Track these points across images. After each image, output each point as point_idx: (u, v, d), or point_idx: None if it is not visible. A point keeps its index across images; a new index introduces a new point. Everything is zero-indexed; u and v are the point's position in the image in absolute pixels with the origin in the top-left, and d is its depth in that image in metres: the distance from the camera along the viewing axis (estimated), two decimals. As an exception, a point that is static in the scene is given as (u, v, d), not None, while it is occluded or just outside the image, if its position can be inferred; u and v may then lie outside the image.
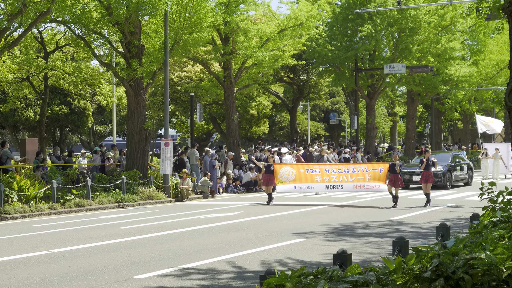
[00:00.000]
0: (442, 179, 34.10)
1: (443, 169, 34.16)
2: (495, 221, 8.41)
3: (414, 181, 33.38)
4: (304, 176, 27.69)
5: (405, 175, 33.39)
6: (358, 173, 26.92)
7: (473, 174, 38.81)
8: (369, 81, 50.58)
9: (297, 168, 28.30)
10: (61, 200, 25.76)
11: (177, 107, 57.58)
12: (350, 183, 27.04)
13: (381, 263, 6.16)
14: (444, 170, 34.41)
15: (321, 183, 27.60)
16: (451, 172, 35.07)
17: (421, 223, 19.79)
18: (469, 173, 37.27)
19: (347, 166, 28.09)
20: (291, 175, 27.67)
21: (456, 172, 35.85)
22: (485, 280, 5.22)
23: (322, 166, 28.54)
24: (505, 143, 46.78)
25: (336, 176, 27.26)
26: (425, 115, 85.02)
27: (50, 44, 40.75)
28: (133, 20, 30.01)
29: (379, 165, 27.51)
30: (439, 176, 33.66)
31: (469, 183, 37.02)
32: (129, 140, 31.94)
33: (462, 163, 36.98)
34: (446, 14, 48.08)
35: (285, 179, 27.66)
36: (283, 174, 27.72)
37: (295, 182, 27.68)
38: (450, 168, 35.10)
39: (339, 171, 27.41)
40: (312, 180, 27.63)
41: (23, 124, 52.51)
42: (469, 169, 37.50)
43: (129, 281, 11.56)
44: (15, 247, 15.93)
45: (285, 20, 39.56)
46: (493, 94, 53.61)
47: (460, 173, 36.29)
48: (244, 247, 15.26)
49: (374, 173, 26.58)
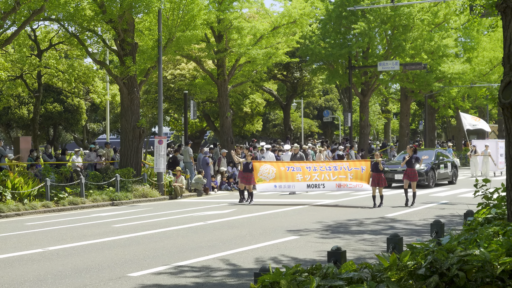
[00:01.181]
0: (425, 177, 32.92)
1: (426, 167, 33.18)
2: (490, 218, 8.43)
3: (396, 180, 32.38)
4: (284, 175, 26.59)
5: (387, 173, 32.14)
6: (340, 172, 25.87)
7: (458, 172, 37.78)
8: (363, 78, 50.60)
9: (277, 166, 27.14)
10: (55, 198, 25.72)
11: (171, 105, 57.51)
12: (332, 182, 26.01)
13: (375, 260, 6.17)
14: (427, 168, 33.38)
15: (302, 182, 26.48)
16: (434, 170, 34.00)
17: (415, 220, 19.82)
18: (453, 171, 36.16)
19: (329, 164, 26.96)
20: (271, 173, 26.57)
21: (440, 170, 34.77)
22: (479, 277, 5.23)
23: (303, 164, 27.49)
24: (494, 140, 46.05)
25: (318, 175, 26.23)
26: (418, 112, 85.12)
27: (43, 42, 40.66)
28: (127, 18, 29.97)
29: (361, 163, 26.25)
30: (422, 174, 32.37)
31: (454, 181, 36.00)
32: (122, 138, 31.92)
33: (446, 160, 35.87)
34: (440, 12, 48.12)
35: (265, 178, 26.53)
36: (263, 172, 26.58)
37: (275, 180, 26.57)
38: (433, 166, 33.98)
39: (321, 169, 26.32)
40: (293, 178, 26.54)
41: (16, 122, 52.40)
42: (454, 167, 36.35)
43: (123, 279, 11.55)
44: (9, 245, 15.90)
45: (278, 17, 39.55)
46: (487, 91, 53.73)
47: (444, 171, 35.20)
48: (238, 245, 15.25)
49: (356, 172, 25.55)
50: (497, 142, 43.54)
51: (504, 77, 8.08)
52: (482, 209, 9.04)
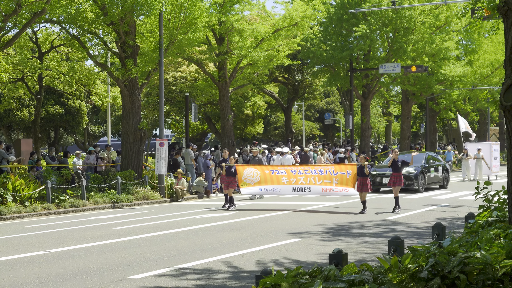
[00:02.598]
0: (414, 182, 31.81)
1: (415, 170, 32.01)
2: (491, 221, 8.43)
3: (384, 184, 31.40)
4: (270, 178, 26.04)
5: (375, 178, 31.92)
6: (325, 176, 25.12)
7: (450, 176, 36.61)
8: (364, 81, 50.60)
9: (261, 169, 26.59)
10: (56, 201, 25.71)
11: (172, 107, 57.54)
12: (318, 186, 25.26)
13: (376, 263, 6.17)
14: (417, 171, 32.12)
15: (288, 185, 25.84)
16: (424, 174, 32.75)
17: (416, 222, 19.81)
18: (444, 175, 34.95)
19: (314, 168, 26.20)
20: (256, 176, 26.07)
21: (430, 174, 33.58)
22: (480, 279, 5.24)
23: (288, 167, 27.07)
24: (488, 143, 44.83)
25: (303, 178, 25.53)
26: (419, 115, 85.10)
27: (44, 44, 40.66)
28: (128, 20, 29.99)
29: (347, 168, 25.25)
30: (411, 178, 31.61)
31: (445, 185, 34.82)
32: (124, 140, 31.92)
33: (437, 164, 34.70)
34: (441, 14, 48.15)
35: (250, 181, 26.07)
36: (247, 176, 26.11)
37: (260, 184, 26.07)
38: (423, 169, 32.76)
39: (306, 172, 25.67)
40: (278, 181, 25.93)
41: (17, 124, 52.43)
42: (445, 170, 35.17)
43: (124, 281, 11.55)
44: (10, 247, 15.91)
45: (280, 20, 39.56)
46: (488, 94, 53.66)
47: (434, 175, 34.00)
48: (240, 247, 15.26)
49: (342, 177, 24.71)
50: (490, 145, 42.48)
51: (506, 80, 8.09)
52: (483, 211, 9.05)
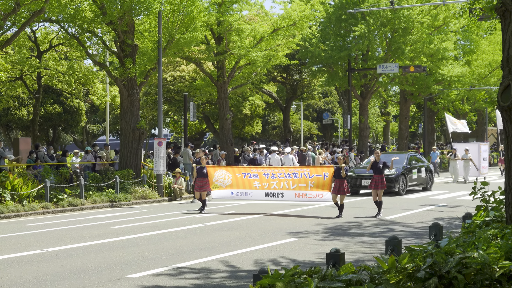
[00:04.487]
0: (394, 184, 30.41)
1: (396, 172, 30.60)
2: (488, 221, 8.45)
3: (363, 186, 30.10)
4: (241, 181, 24.83)
5: (353, 180, 30.83)
6: (300, 179, 23.82)
7: (433, 177, 35.15)
8: (362, 81, 50.61)
9: (233, 172, 25.26)
10: (54, 200, 25.71)
11: (171, 107, 57.55)
12: (291, 191, 23.98)
13: (374, 263, 6.18)
14: (397, 173, 30.74)
15: (260, 190, 24.58)
16: (405, 176, 31.39)
17: (413, 222, 19.83)
18: (428, 177, 33.58)
19: (288, 171, 24.80)
20: (227, 179, 24.87)
21: (412, 175, 32.17)
22: (478, 279, 5.25)
23: (261, 170, 25.48)
24: (476, 143, 43.65)
25: (276, 182, 24.28)
26: (418, 115, 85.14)
27: (43, 43, 40.69)
28: (127, 20, 30.00)
29: (323, 170, 23.85)
30: (391, 180, 30.10)
31: (428, 187, 33.58)
32: (122, 140, 31.93)
33: (420, 165, 33.28)
34: (439, 14, 48.16)
35: (221, 184, 24.86)
36: (218, 178, 24.88)
37: (232, 187, 24.86)
38: (404, 171, 31.41)
39: (280, 176, 24.34)
40: (250, 186, 24.71)
41: (16, 123, 52.43)
42: (429, 172, 33.76)
43: (122, 280, 11.56)
44: (8, 246, 15.91)
45: (278, 20, 39.56)
46: (486, 94, 53.66)
47: (416, 177, 32.56)
48: (238, 247, 15.27)
49: (318, 179, 23.35)
50: (479, 145, 41.43)
51: (503, 80, 8.11)
52: (480, 211, 9.07)
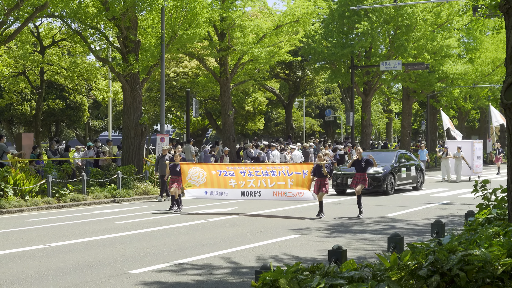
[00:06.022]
0: (382, 183, 29.34)
1: (383, 170, 29.54)
2: (490, 218, 8.45)
3: (350, 185, 28.24)
4: (216, 180, 23.53)
5: (339, 178, 29.76)
6: (278, 177, 22.67)
7: (424, 176, 34.04)
8: (365, 78, 50.61)
9: (208, 169, 23.96)
10: (57, 195, 25.73)
11: (173, 103, 57.56)
12: (269, 190, 22.78)
13: (376, 260, 6.19)
14: (385, 171, 29.59)
15: (236, 189, 23.32)
16: (394, 174, 30.13)
17: (416, 220, 19.83)
18: (418, 175, 32.45)
19: (266, 168, 23.44)
20: (202, 177, 23.54)
21: (401, 174, 31.03)
22: (479, 277, 5.25)
23: (237, 168, 24.10)
24: (469, 141, 42.14)
25: (253, 181, 23.12)
26: (420, 112, 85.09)
27: (46, 38, 40.66)
28: (130, 15, 29.99)
29: (302, 167, 22.87)
30: (379, 179, 29.30)
31: (419, 187, 32.42)
32: (124, 135, 31.94)
33: (410, 163, 32.12)
34: (442, 12, 48.12)
35: (195, 182, 23.53)
36: (192, 176, 23.55)
37: (206, 186, 23.51)
38: (393, 169, 30.21)
39: (257, 174, 23.15)
40: (225, 184, 23.42)
41: (19, 118, 52.44)
42: (419, 170, 32.59)
43: (124, 276, 11.57)
44: (11, 241, 15.93)
45: (281, 16, 39.56)
46: (489, 92, 53.58)
47: (406, 176, 31.45)
48: (239, 243, 15.28)
49: (297, 177, 22.32)
50: (472, 143, 40.06)
51: (507, 78, 8.09)
52: (482, 209, 9.06)
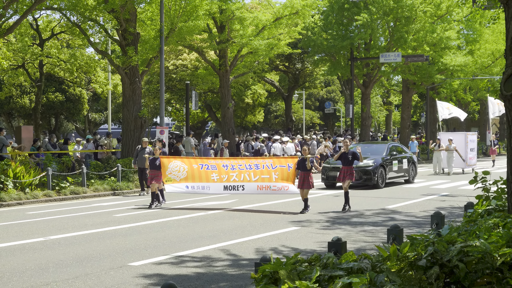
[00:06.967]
0: (372, 176, 28.58)
1: (374, 163, 28.81)
2: (490, 210, 8.46)
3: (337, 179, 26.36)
4: (198, 174, 22.69)
5: (328, 171, 29.06)
6: (262, 171, 22.09)
7: (417, 169, 33.08)
8: (365, 70, 50.59)
9: (189, 163, 23.04)
10: (57, 188, 25.74)
11: (173, 95, 57.53)
12: (253, 183, 22.15)
13: (375, 251, 6.20)
14: (376, 164, 28.84)
15: (218, 183, 22.51)
16: (384, 168, 29.32)
17: (415, 211, 19.85)
18: (410, 168, 31.66)
19: (249, 162, 22.81)
20: (182, 171, 22.67)
21: (393, 167, 30.19)
22: (479, 268, 5.25)
23: (220, 161, 23.48)
24: (463, 133, 41.59)
25: (236, 174, 22.41)
26: (420, 104, 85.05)
27: (45, 31, 40.64)
28: (129, 8, 29.95)
29: (287, 160, 22.32)
30: (369, 172, 28.58)
31: (411, 180, 31.57)
32: (124, 128, 31.95)
33: (401, 156, 31.19)
34: (442, 3, 48.06)
35: (175, 177, 22.60)
36: (172, 170, 22.63)
37: (187, 180, 22.58)
38: (384, 162, 29.40)
39: (240, 167, 22.50)
40: (207, 178, 22.60)
41: (18, 111, 52.46)
42: (411, 163, 31.78)
43: (124, 268, 11.59)
44: (11, 234, 15.95)
45: (281, 8, 39.52)
46: (489, 84, 53.60)
47: (397, 169, 30.57)
48: (239, 235, 15.30)
49: (282, 170, 21.77)
50: (465, 135, 39.34)
51: (506, 69, 8.08)
52: (482, 200, 9.07)
